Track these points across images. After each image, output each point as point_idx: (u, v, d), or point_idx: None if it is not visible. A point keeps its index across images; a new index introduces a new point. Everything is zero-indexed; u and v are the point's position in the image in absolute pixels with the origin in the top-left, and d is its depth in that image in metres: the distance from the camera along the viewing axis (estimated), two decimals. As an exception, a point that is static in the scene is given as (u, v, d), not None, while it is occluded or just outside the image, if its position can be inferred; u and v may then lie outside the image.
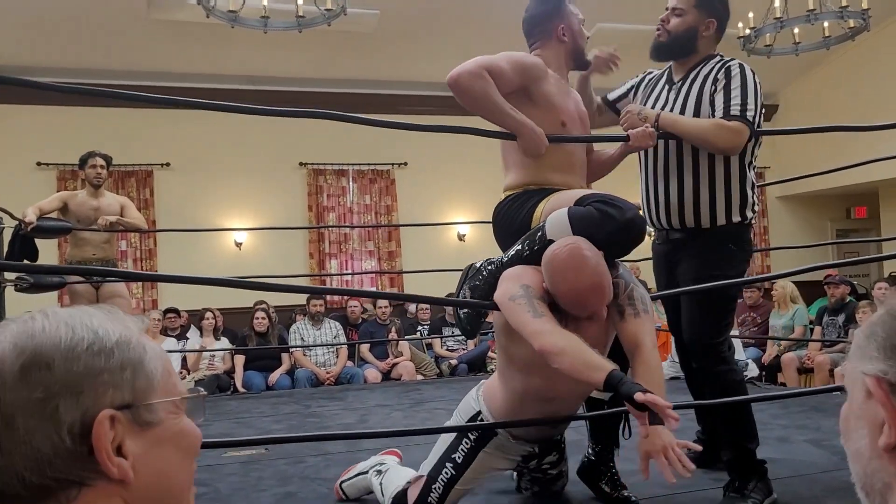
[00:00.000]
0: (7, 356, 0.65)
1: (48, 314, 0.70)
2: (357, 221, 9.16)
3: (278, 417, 5.02)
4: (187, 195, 8.53)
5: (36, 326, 0.67)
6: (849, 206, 11.01)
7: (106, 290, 5.30)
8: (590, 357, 2.04)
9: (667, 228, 2.77)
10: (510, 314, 2.19)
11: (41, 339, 0.66)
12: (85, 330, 0.68)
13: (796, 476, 2.88)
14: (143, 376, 0.70)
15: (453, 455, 2.45)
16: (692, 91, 2.67)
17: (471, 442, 2.45)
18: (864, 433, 0.69)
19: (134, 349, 0.70)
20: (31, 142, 8.12)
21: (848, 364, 0.74)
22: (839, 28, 6.44)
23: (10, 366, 0.65)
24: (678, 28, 2.70)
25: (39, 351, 0.66)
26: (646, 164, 2.81)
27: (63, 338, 0.67)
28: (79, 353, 0.66)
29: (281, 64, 8.21)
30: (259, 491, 3.06)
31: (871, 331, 0.71)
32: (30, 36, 7.32)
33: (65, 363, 0.66)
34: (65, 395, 0.65)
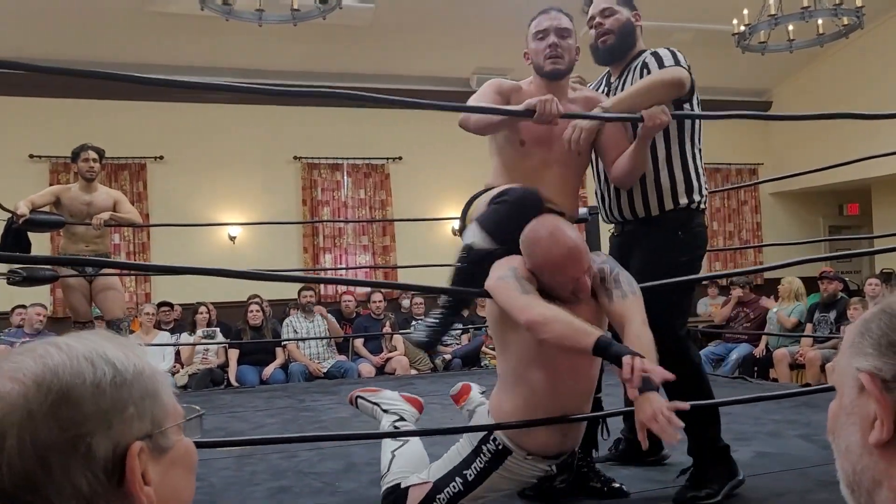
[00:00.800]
0: (33, 395, 0.64)
1: (61, 346, 0.69)
2: (351, 216, 9.16)
3: (272, 412, 5.02)
4: (181, 188, 8.51)
5: (56, 362, 0.66)
6: (841, 203, 11.05)
7: (99, 283, 5.28)
8: (577, 324, 2.08)
9: (621, 221, 2.83)
10: (498, 294, 2.24)
11: (65, 377, 0.66)
12: (104, 363, 0.68)
13: (787, 470, 2.90)
14: (160, 404, 0.71)
15: (465, 471, 2.38)
16: (629, 81, 2.76)
17: (485, 461, 2.37)
18: (855, 429, 0.69)
19: (149, 378, 0.71)
20: (23, 134, 8.09)
21: (839, 360, 0.75)
22: (833, 25, 6.46)
23: (38, 405, 0.64)
24: (619, 25, 2.78)
25: (66, 389, 0.65)
26: (595, 161, 2.86)
27: (86, 373, 0.66)
28: (104, 387, 0.66)
29: (275, 57, 8.19)
30: (253, 485, 3.06)
31: (866, 328, 0.71)
32: (22, 28, 7.28)
33: (93, 399, 0.66)
34: (96, 431, 0.65)
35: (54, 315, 7.70)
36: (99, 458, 0.64)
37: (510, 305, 2.19)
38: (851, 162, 4.71)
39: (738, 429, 3.58)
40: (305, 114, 8.92)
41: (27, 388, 0.64)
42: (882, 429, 0.66)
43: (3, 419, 0.63)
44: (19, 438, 0.62)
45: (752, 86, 10.02)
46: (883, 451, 0.67)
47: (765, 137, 10.68)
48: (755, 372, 7.12)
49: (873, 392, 0.67)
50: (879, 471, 0.67)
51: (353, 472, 3.21)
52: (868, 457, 0.68)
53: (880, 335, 0.69)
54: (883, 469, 0.67)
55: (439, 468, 2.44)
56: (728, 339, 7.70)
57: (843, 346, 0.75)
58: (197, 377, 6.64)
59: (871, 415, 0.67)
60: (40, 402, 0.64)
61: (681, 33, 8.17)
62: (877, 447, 0.67)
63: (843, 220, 11.13)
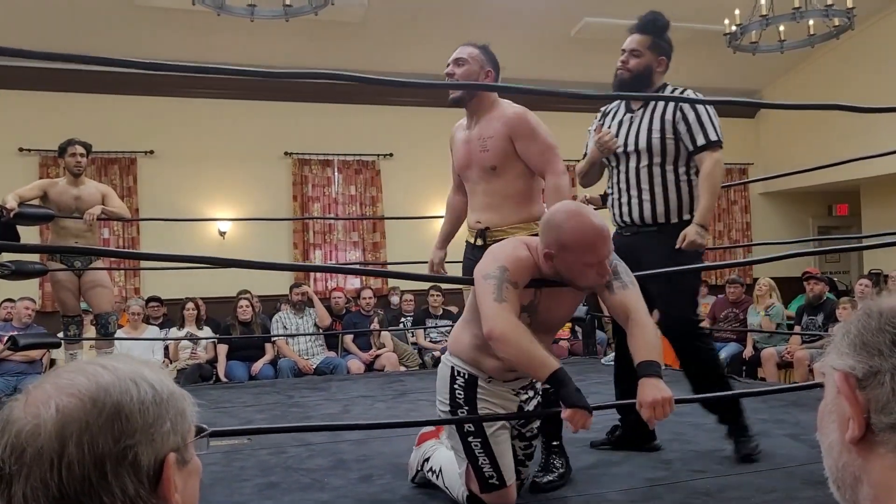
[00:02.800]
0: (90, 410, 0.73)
1: (108, 367, 0.79)
2: (342, 212, 9.15)
3: (261, 407, 5.01)
4: (171, 183, 8.48)
5: (106, 381, 0.76)
6: (830, 204, 11.11)
7: (88, 279, 5.26)
8: (536, 352, 2.19)
9: (638, 224, 3.23)
10: (477, 290, 2.33)
11: (116, 395, 0.75)
12: (146, 384, 0.78)
13: (776, 469, 2.92)
14: (186, 421, 0.81)
15: (466, 427, 2.52)
16: (655, 115, 3.17)
17: (464, 404, 2.54)
18: (835, 427, 0.71)
19: (178, 398, 0.81)
20: (13, 127, 8.05)
21: (824, 362, 0.76)
22: (824, 26, 6.49)
23: (95, 418, 0.73)
24: (637, 67, 3.20)
25: (118, 405, 0.75)
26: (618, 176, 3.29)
27: (133, 392, 0.76)
28: (148, 405, 0.76)
29: (267, 53, 8.16)
30: (241, 481, 3.06)
31: (847, 329, 0.73)
32: (9, 22, 7.23)
33: (139, 415, 0.75)
34: (141, 442, 0.74)
35: (43, 309, 7.67)
36: (143, 467, 0.74)
37: (481, 308, 2.28)
38: (841, 163, 4.74)
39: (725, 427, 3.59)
40: (296, 109, 8.90)
41: (84, 403, 0.74)
42: (855, 426, 0.68)
43: (64, 428, 0.72)
44: (78, 446, 0.72)
45: (743, 86, 10.04)
46: (859, 448, 0.69)
47: (755, 137, 10.72)
48: (743, 371, 7.15)
49: (843, 390, 0.69)
50: (857, 466, 0.69)
51: (341, 468, 3.20)
52: (847, 454, 0.70)
53: (856, 335, 0.71)
54: (860, 465, 0.69)
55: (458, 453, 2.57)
56: (716, 339, 7.73)
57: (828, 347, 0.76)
58: (186, 372, 6.62)
59: (847, 413, 0.69)
60: (96, 415, 0.73)
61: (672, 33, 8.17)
62: (853, 444, 0.69)
63: (833, 221, 11.19)
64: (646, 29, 3.23)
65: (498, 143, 2.89)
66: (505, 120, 2.91)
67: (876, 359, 0.68)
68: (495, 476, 2.50)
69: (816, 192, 10.60)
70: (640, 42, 3.22)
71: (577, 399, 2.14)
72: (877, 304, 0.73)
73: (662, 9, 3.37)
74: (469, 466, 2.52)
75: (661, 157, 3.15)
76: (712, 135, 3.11)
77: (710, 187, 3.10)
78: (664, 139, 3.13)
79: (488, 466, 2.49)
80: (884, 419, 0.67)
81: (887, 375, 0.67)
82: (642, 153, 3.17)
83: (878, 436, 0.67)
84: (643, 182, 3.19)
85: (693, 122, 3.10)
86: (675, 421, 3.22)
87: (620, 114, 3.32)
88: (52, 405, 0.73)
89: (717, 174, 3.12)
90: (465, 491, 2.57)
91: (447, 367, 2.60)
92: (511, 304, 2.25)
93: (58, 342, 5.38)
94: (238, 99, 8.69)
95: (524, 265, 2.33)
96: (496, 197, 2.94)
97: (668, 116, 3.13)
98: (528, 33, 8.24)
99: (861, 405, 0.68)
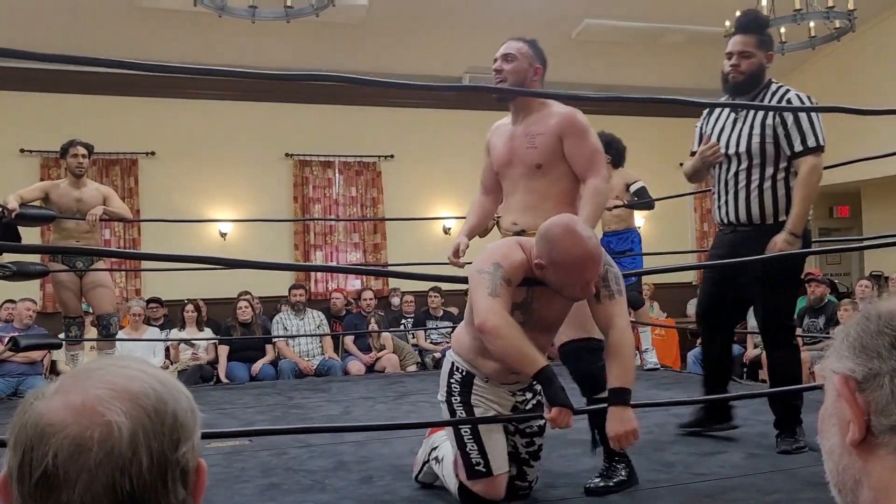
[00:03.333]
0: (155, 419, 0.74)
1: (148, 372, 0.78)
2: (343, 213, 9.15)
3: (262, 408, 5.01)
4: (172, 185, 8.48)
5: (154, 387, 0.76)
6: (831, 206, 11.11)
7: (89, 279, 5.27)
8: (525, 348, 2.23)
9: (734, 223, 3.30)
10: (472, 285, 2.37)
11: (173, 405, 0.76)
12: (174, 388, 0.79)
13: (777, 471, 2.92)
14: (200, 429, 0.81)
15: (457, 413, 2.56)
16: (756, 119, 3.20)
17: (459, 392, 2.59)
18: (835, 430, 0.71)
19: (194, 404, 0.81)
20: (14, 128, 8.05)
21: (824, 365, 0.76)
22: (825, 28, 6.49)
23: (160, 427, 0.74)
24: (750, 68, 3.22)
25: (175, 414, 0.76)
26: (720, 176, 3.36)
27: (181, 401, 0.78)
28: (189, 413, 0.78)
29: (268, 54, 8.17)
30: (242, 482, 3.06)
31: (846, 332, 0.73)
32: (12, 23, 7.24)
33: (189, 423, 0.77)
34: (189, 449, 0.76)
35: (44, 310, 7.67)
36: (189, 472, 0.75)
37: (474, 302, 2.32)
38: (841, 164, 4.73)
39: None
40: (297, 111, 8.91)
41: (147, 412, 0.74)
42: (856, 429, 0.68)
43: (135, 435, 0.72)
44: (149, 455, 0.72)
45: (744, 88, 10.03)
46: (859, 451, 0.68)
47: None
48: (744, 373, 7.14)
49: (843, 393, 0.69)
50: (858, 469, 0.69)
51: (342, 469, 3.21)
52: (847, 457, 0.69)
53: (855, 338, 0.71)
54: (861, 468, 0.68)
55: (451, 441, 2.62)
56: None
57: (828, 351, 0.77)
58: (186, 374, 6.62)
59: (848, 416, 0.69)
60: (160, 424, 0.74)
61: (672, 34, 8.20)
62: (853, 447, 0.68)
63: (833, 223, 11.19)
64: (750, 28, 3.25)
65: (547, 141, 2.83)
66: (557, 118, 2.85)
67: (875, 361, 0.68)
68: (482, 463, 2.50)
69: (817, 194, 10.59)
70: (747, 42, 3.23)
71: (562, 398, 2.21)
72: (875, 307, 0.73)
73: (662, 10, 3.42)
74: (458, 454, 2.55)
75: (760, 159, 3.20)
76: (811, 140, 3.11)
77: (804, 194, 3.12)
78: (763, 143, 3.17)
79: (476, 453, 2.51)
80: (884, 421, 0.67)
81: (886, 378, 0.67)
82: (742, 156, 3.23)
83: (878, 438, 0.67)
84: (740, 183, 3.24)
85: (791, 126, 3.12)
86: (676, 423, 3.22)
87: (724, 115, 3.36)
88: (119, 411, 0.71)
89: (812, 181, 3.13)
90: (456, 482, 2.58)
91: (448, 362, 2.68)
92: (504, 300, 2.29)
93: (59, 343, 5.38)
94: (239, 100, 8.69)
95: (518, 265, 2.37)
96: (537, 196, 2.87)
97: (769, 121, 3.16)
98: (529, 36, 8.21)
99: (861, 408, 0.68)
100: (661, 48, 8.63)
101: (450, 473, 2.64)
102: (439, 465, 2.75)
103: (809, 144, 3.11)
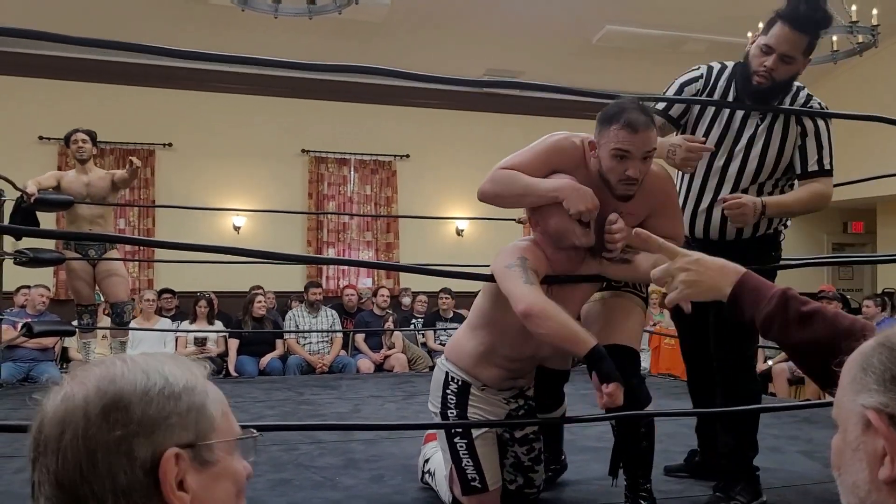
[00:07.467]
0: (91, 398, 0.73)
1: (126, 361, 0.77)
2: (357, 211, 9.16)
3: (271, 403, 5.02)
4: (188, 176, 8.52)
5: (116, 371, 0.75)
6: (846, 221, 11.05)
7: (102, 268, 5.29)
8: (575, 327, 2.14)
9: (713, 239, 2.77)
10: (502, 280, 2.24)
11: (121, 384, 0.74)
12: (157, 376, 0.76)
13: (788, 486, 2.90)
14: (206, 419, 0.77)
15: (453, 429, 2.52)
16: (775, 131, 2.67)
17: (454, 407, 2.54)
18: (863, 465, 0.69)
19: (198, 394, 0.78)
20: (33, 116, 8.10)
21: (840, 396, 0.74)
22: (847, 42, 6.45)
23: (93, 407, 0.72)
24: (784, 76, 2.58)
25: (119, 394, 0.73)
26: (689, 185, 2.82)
27: (139, 382, 0.74)
28: (152, 396, 0.74)
29: (288, 48, 8.18)
30: (254, 476, 3.06)
31: (867, 363, 0.71)
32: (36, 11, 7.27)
33: (141, 405, 0.73)
34: (140, 434, 0.72)
35: (56, 297, 7.71)
36: (138, 458, 0.71)
37: (511, 291, 2.20)
38: (857, 181, 4.71)
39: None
40: (315, 107, 8.93)
41: (88, 391, 0.73)
42: (892, 465, 0.66)
43: (65, 417, 0.72)
44: (74, 435, 0.71)
45: (763, 99, 10.00)
46: (892, 488, 0.66)
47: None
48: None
49: (881, 429, 0.67)
50: None
51: (352, 468, 3.21)
52: (877, 493, 0.68)
53: (883, 370, 0.69)
54: None
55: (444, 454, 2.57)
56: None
57: (843, 381, 0.74)
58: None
59: (880, 451, 0.67)
60: (95, 404, 0.72)
61: (694, 43, 8.17)
62: (886, 483, 0.66)
63: (848, 238, 11.13)
64: (807, 26, 2.49)
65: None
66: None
67: None
68: (478, 479, 2.49)
69: (832, 209, 10.54)
70: (797, 44, 2.52)
71: (616, 374, 2.07)
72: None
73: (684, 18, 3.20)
74: (453, 468, 2.52)
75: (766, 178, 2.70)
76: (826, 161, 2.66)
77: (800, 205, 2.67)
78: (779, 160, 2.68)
79: (471, 469, 2.49)
80: None
81: None
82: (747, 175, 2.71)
83: None
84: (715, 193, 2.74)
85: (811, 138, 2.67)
86: (689, 434, 3.21)
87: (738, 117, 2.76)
88: (61, 394, 0.73)
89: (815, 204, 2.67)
90: (450, 496, 2.57)
91: (442, 372, 2.60)
92: (539, 287, 2.22)
93: (72, 330, 5.42)
94: (257, 95, 8.72)
95: (539, 257, 2.32)
96: None
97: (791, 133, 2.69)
98: (549, 40, 8.23)
99: None
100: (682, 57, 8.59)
101: (443, 488, 2.63)
102: (432, 478, 2.75)
103: (825, 166, 2.65)
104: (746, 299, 1.23)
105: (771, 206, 2.59)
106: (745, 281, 1.25)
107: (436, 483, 2.72)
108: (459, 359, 2.55)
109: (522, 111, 8.98)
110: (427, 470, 2.80)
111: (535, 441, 2.69)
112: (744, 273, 1.27)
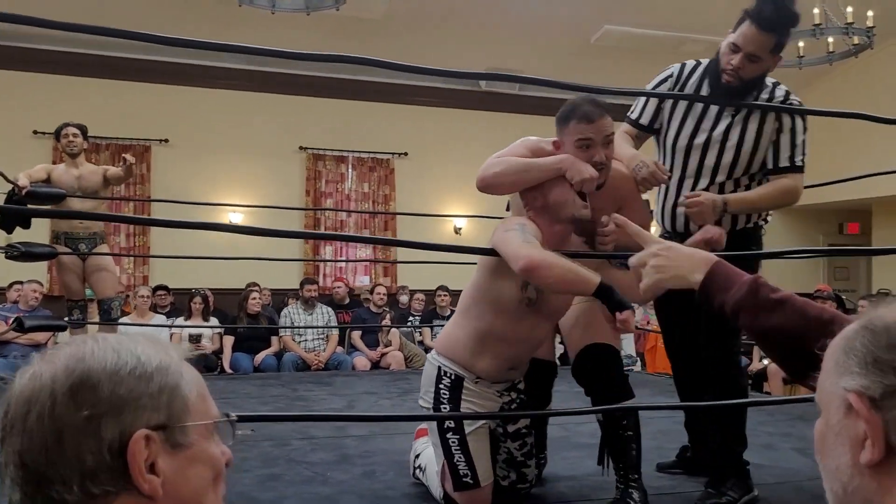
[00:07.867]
0: (59, 377, 0.71)
1: (98, 340, 0.75)
2: (354, 209, 9.16)
3: (265, 399, 5.01)
4: (185, 173, 8.50)
5: (86, 350, 0.73)
6: (842, 222, 11.07)
7: (92, 263, 5.29)
8: (578, 269, 2.18)
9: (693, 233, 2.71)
10: (501, 244, 2.28)
11: (90, 363, 0.72)
12: (129, 355, 0.74)
13: (782, 483, 2.90)
14: (179, 400, 0.75)
15: (446, 424, 2.52)
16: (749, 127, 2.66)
17: (447, 402, 2.55)
18: (845, 450, 0.69)
19: (172, 375, 0.76)
20: (28, 110, 8.08)
21: (823, 379, 0.73)
22: (843, 44, 6.47)
23: (60, 386, 0.70)
24: (751, 74, 2.58)
25: (87, 373, 0.71)
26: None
27: (109, 362, 0.72)
28: (122, 376, 0.72)
29: (286, 46, 8.10)
30: (243, 472, 3.04)
31: (849, 346, 0.70)
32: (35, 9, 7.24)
33: (109, 385, 0.71)
34: (108, 414, 0.70)
35: (50, 293, 7.69)
36: (106, 439, 0.69)
37: (512, 250, 2.22)
38: (852, 179, 4.71)
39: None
40: (312, 104, 8.91)
41: (56, 370, 0.71)
42: (873, 449, 0.66)
43: (32, 396, 0.70)
44: (40, 414, 0.69)
45: (760, 100, 10.00)
46: (874, 472, 0.66)
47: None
48: (749, 385, 7.10)
49: (862, 412, 0.66)
50: (871, 490, 0.66)
51: (345, 463, 3.20)
52: (859, 477, 0.67)
53: (865, 353, 0.68)
54: (874, 489, 0.66)
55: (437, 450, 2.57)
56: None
57: (826, 365, 0.74)
58: (190, 362, 6.62)
59: (861, 435, 0.67)
60: (62, 383, 0.70)
61: (692, 44, 8.16)
62: (868, 467, 0.66)
63: (843, 239, 11.14)
64: (774, 26, 2.49)
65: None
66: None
67: (891, 377, 0.66)
68: (469, 475, 2.49)
69: (827, 210, 10.56)
70: (763, 44, 2.51)
71: (626, 302, 2.16)
72: (880, 318, 0.70)
73: (683, 19, 3.23)
74: (445, 463, 2.52)
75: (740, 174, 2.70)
76: (799, 157, 2.66)
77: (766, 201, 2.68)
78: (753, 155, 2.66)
79: (463, 464, 2.49)
80: None
81: None
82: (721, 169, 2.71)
83: None
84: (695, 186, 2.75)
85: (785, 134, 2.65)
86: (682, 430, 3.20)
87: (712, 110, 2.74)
88: (30, 373, 0.72)
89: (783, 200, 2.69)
90: (441, 491, 2.57)
91: (433, 367, 2.60)
92: (538, 245, 2.26)
93: (64, 326, 5.39)
94: (255, 91, 8.71)
95: (535, 229, 2.37)
96: None
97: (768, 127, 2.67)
98: (548, 40, 8.22)
99: (880, 426, 0.66)
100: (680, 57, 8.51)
101: (434, 483, 2.63)
102: (423, 473, 2.75)
103: (796, 162, 2.64)
104: (717, 286, 1.24)
105: (733, 202, 2.62)
106: (716, 269, 1.26)
107: (427, 478, 2.71)
108: (453, 351, 2.55)
109: (520, 110, 8.97)
110: (418, 465, 2.79)
111: (528, 436, 2.69)
112: (715, 262, 1.28)
